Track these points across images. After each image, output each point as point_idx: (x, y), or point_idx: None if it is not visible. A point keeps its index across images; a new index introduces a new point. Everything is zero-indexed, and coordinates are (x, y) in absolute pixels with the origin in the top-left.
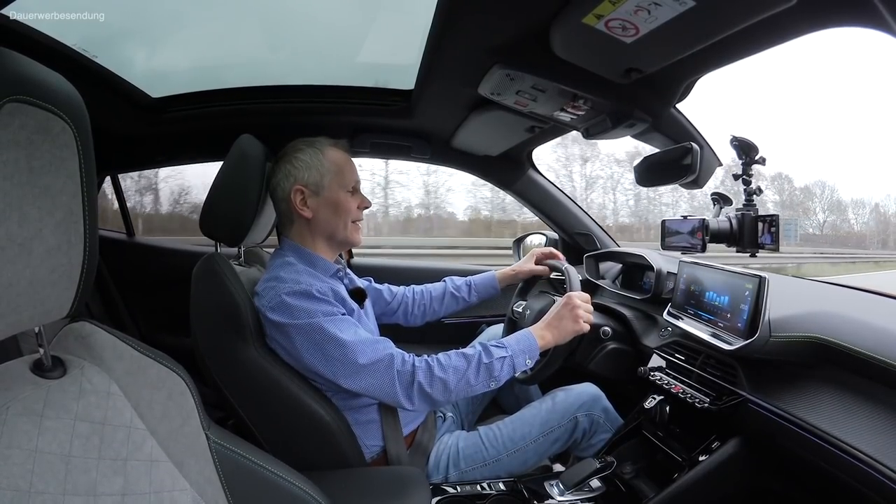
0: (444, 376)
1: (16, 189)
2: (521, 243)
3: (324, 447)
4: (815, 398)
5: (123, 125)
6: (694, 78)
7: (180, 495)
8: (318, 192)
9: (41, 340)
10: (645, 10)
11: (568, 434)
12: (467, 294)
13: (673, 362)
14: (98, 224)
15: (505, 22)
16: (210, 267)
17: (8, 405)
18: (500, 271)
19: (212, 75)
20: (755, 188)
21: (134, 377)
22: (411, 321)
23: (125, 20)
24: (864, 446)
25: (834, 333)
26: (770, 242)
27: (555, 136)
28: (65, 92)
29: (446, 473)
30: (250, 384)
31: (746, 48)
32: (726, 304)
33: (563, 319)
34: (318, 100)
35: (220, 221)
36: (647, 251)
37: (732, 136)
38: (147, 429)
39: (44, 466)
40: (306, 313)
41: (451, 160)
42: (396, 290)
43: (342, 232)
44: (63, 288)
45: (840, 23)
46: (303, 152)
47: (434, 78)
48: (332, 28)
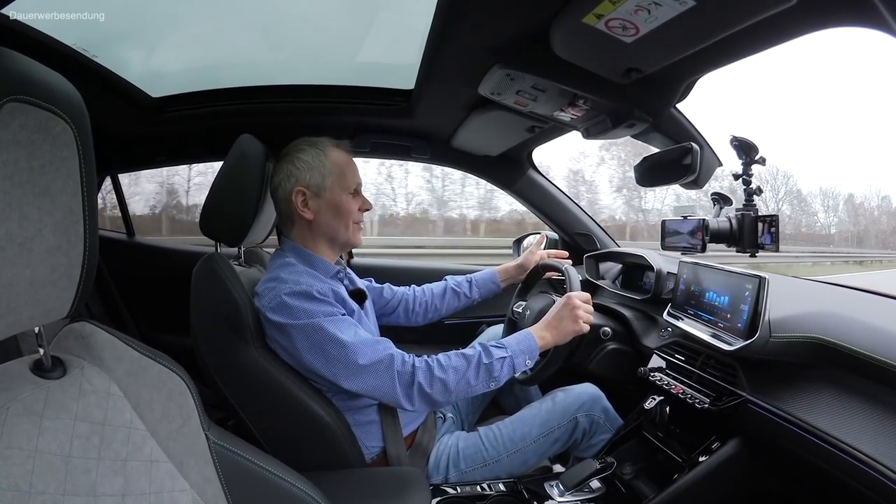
0: (443, 377)
1: (16, 189)
2: (520, 243)
3: (324, 448)
4: (815, 398)
5: (123, 125)
6: (694, 78)
7: (180, 496)
8: (319, 194)
9: (41, 341)
10: (645, 10)
11: (568, 434)
12: (468, 290)
13: (673, 363)
14: (98, 224)
15: (505, 22)
16: (210, 267)
17: (8, 405)
18: (502, 266)
19: (212, 75)
20: (755, 188)
21: (134, 377)
22: (413, 320)
23: (125, 20)
24: (864, 446)
25: (834, 334)
26: (770, 243)
27: (555, 136)
28: (65, 92)
29: (446, 474)
30: (250, 384)
31: (746, 48)
32: (726, 304)
33: (562, 320)
34: (318, 100)
35: (220, 221)
36: (647, 251)
37: (732, 136)
38: (147, 429)
39: (44, 467)
40: (307, 314)
41: (451, 160)
42: (397, 289)
43: (343, 234)
44: (63, 288)
45: (840, 23)
46: (305, 153)
47: (434, 78)
48: (332, 28)
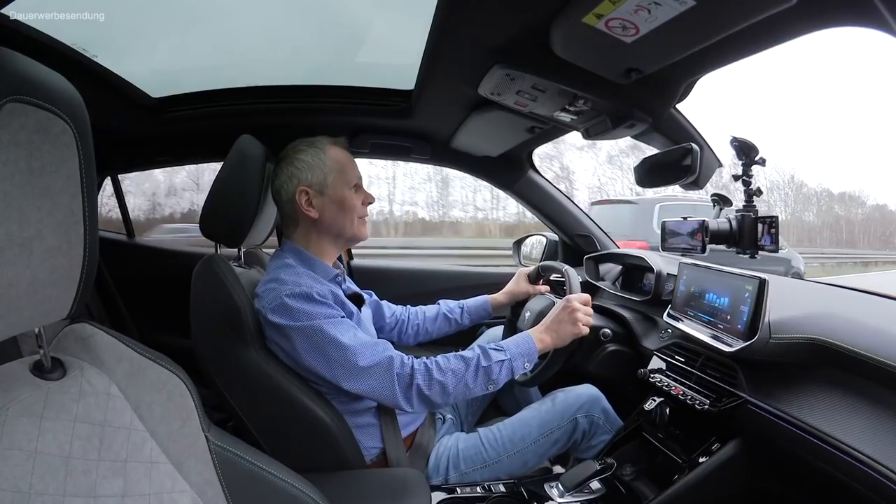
0: (442, 379)
1: (16, 189)
2: (520, 245)
3: (323, 449)
4: (815, 399)
5: (123, 125)
6: (694, 78)
7: (180, 497)
8: (322, 192)
9: (41, 341)
10: (645, 10)
11: (567, 435)
12: (459, 316)
13: (673, 364)
14: (98, 225)
15: (505, 22)
16: (210, 268)
17: (8, 406)
18: (493, 296)
19: (212, 75)
20: (755, 189)
21: (134, 379)
22: (404, 340)
23: (125, 20)
24: (864, 447)
25: (834, 335)
26: (770, 244)
27: (555, 137)
28: (65, 92)
29: (446, 475)
30: (250, 386)
31: (747, 48)
32: (726, 305)
33: (562, 322)
34: (317, 100)
35: (219, 222)
36: (647, 252)
37: (732, 136)
38: (147, 430)
39: (44, 468)
40: (307, 315)
41: (451, 161)
42: (395, 308)
43: (350, 228)
44: (63, 289)
45: (840, 23)
46: (304, 153)
47: (434, 78)
48: (332, 28)
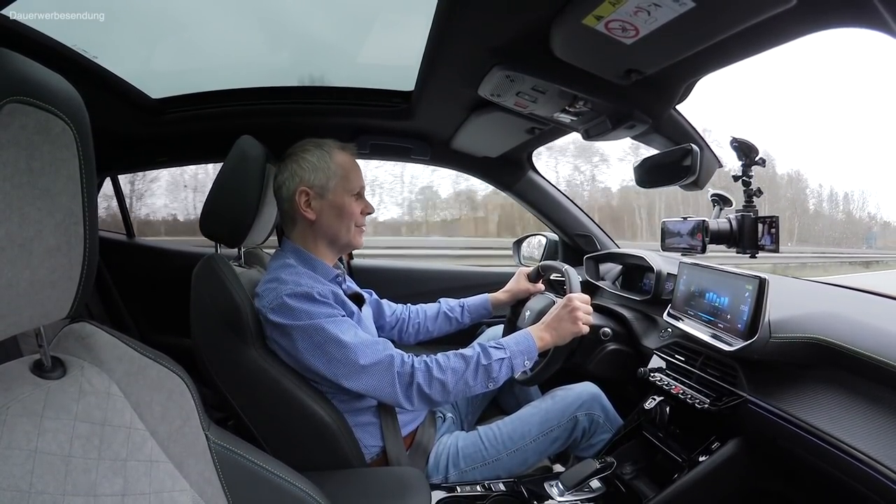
0: (442, 377)
1: (16, 190)
2: (520, 245)
3: (324, 448)
4: (815, 399)
5: (123, 126)
6: (694, 79)
7: (180, 496)
8: (322, 195)
9: (41, 341)
10: (645, 12)
11: (567, 433)
12: (460, 315)
13: (673, 363)
14: (98, 225)
15: (505, 23)
16: (210, 268)
17: (8, 405)
18: (493, 295)
19: (212, 76)
20: (755, 189)
21: (134, 378)
22: (405, 339)
23: (125, 20)
24: (864, 447)
25: (834, 334)
26: (770, 244)
27: (555, 138)
28: (65, 92)
29: (446, 473)
30: (250, 385)
31: (746, 49)
32: (726, 305)
33: (562, 321)
34: (318, 101)
35: (220, 222)
36: (647, 252)
37: (732, 137)
38: (147, 429)
39: (44, 467)
40: (308, 315)
41: (451, 162)
42: (395, 307)
43: (345, 236)
44: (63, 288)
45: (840, 23)
46: (310, 153)
47: (434, 79)
48: (332, 29)
